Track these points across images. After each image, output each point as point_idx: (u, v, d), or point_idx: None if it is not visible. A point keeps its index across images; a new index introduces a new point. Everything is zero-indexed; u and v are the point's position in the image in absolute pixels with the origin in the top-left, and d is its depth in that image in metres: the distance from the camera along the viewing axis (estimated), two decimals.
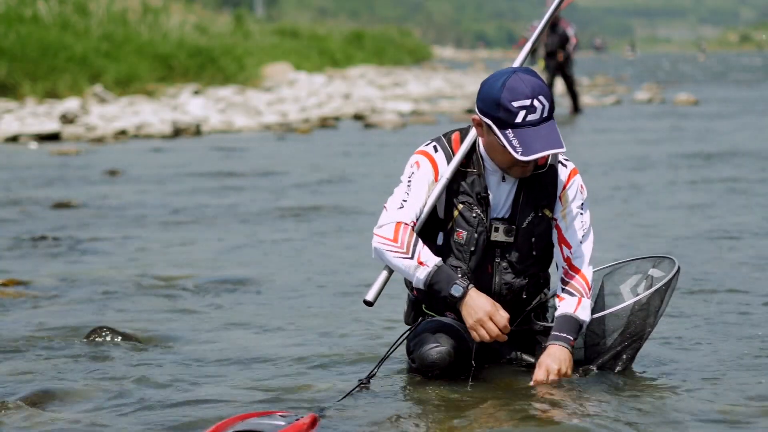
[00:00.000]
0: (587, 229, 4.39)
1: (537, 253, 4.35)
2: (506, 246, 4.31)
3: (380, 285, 4.29)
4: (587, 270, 4.37)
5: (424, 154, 4.35)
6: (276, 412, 3.87)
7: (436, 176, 4.31)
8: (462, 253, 4.30)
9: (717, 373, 4.50)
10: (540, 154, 4.11)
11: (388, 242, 4.24)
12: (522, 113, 4.11)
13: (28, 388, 4.38)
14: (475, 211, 4.29)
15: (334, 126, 21.23)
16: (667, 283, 4.33)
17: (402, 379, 4.45)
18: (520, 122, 4.11)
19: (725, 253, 7.41)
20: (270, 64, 34.41)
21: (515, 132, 4.12)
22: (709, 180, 11.54)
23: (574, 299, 4.32)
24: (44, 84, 23.09)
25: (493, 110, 4.14)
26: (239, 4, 60.45)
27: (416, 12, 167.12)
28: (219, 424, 3.72)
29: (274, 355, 4.93)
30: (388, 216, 4.29)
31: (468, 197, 4.30)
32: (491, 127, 4.16)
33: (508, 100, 4.11)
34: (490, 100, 4.15)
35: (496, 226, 4.29)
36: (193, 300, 6.26)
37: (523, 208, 4.30)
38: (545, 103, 4.13)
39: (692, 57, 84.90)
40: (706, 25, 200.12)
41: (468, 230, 4.29)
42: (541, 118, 4.13)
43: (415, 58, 62.38)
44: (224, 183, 12.10)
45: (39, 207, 10.30)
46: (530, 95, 4.12)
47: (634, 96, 28.18)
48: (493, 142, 4.21)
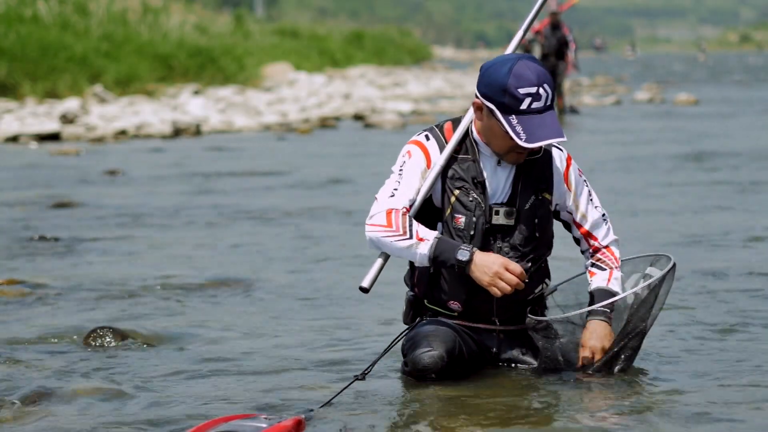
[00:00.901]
0: (600, 206, 4.46)
1: (539, 235, 4.34)
2: (507, 229, 4.30)
3: (375, 272, 4.28)
4: (614, 246, 4.45)
5: (415, 143, 4.36)
6: (261, 414, 3.86)
7: (428, 164, 4.31)
8: (462, 239, 4.28)
9: (718, 373, 4.49)
10: (544, 142, 4.13)
11: (382, 229, 4.24)
12: (527, 100, 4.13)
13: (27, 388, 4.37)
14: (471, 196, 4.28)
15: (334, 126, 21.23)
16: (662, 278, 4.33)
17: (397, 378, 4.44)
18: (525, 109, 4.13)
19: (726, 254, 7.41)
20: (270, 64, 34.42)
21: (519, 118, 4.13)
22: (710, 180, 11.54)
23: (605, 273, 4.39)
24: (44, 84, 23.10)
25: (498, 95, 4.15)
26: (239, 4, 60.45)
27: (416, 12, 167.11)
28: (200, 425, 3.72)
29: (273, 356, 4.93)
30: (378, 206, 4.29)
31: (464, 182, 4.29)
32: (494, 112, 4.17)
33: (514, 87, 4.12)
34: (496, 86, 4.15)
35: (496, 209, 4.28)
36: (192, 300, 6.26)
37: (524, 191, 4.30)
38: (549, 92, 4.16)
39: (692, 57, 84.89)
40: (706, 25, 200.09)
41: (466, 215, 4.28)
42: (545, 106, 4.16)
43: (415, 58, 62.39)
44: (224, 183, 12.10)
45: (39, 207, 10.30)
46: (536, 83, 4.14)
47: (634, 96, 28.18)
48: (494, 127, 4.21)
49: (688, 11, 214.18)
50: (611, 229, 4.48)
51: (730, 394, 4.20)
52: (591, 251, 4.46)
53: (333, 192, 11.27)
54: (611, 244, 4.46)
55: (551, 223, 4.40)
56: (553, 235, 4.43)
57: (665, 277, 4.35)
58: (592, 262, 4.44)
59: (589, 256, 4.47)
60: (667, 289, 4.38)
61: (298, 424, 3.78)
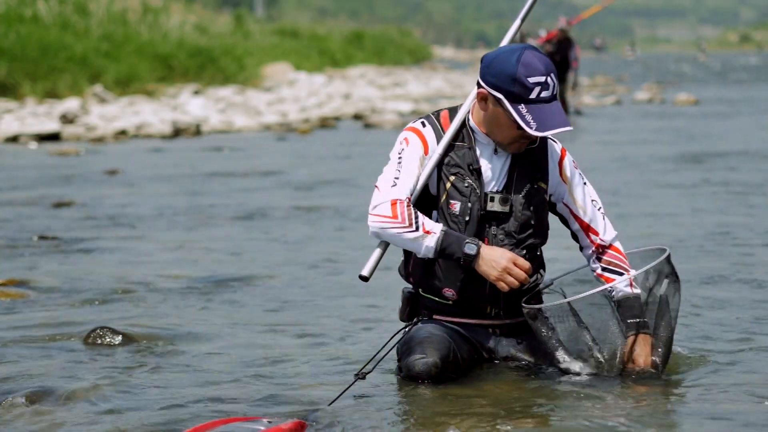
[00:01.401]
0: (597, 200, 4.44)
1: (534, 223, 4.34)
2: (503, 216, 4.30)
3: (375, 260, 4.28)
4: (616, 241, 4.43)
5: (412, 130, 4.37)
6: (263, 417, 3.85)
7: (425, 151, 4.32)
8: (457, 225, 4.28)
9: (718, 373, 4.49)
10: (555, 131, 4.14)
11: (388, 220, 4.23)
12: (537, 89, 4.14)
13: (27, 388, 4.37)
14: (467, 182, 4.29)
15: (334, 126, 21.23)
16: (658, 266, 4.32)
17: (397, 377, 4.43)
18: (534, 98, 4.15)
19: (725, 254, 7.41)
20: (270, 64, 34.43)
21: (528, 108, 4.15)
22: (710, 180, 11.54)
23: (624, 278, 4.35)
24: (44, 84, 23.11)
25: (507, 84, 4.16)
26: (239, 4, 60.46)
27: (416, 12, 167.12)
28: (198, 426, 3.71)
29: (273, 356, 4.92)
30: (381, 195, 4.28)
31: (459, 168, 4.30)
32: (501, 101, 4.18)
33: (524, 76, 4.14)
34: (505, 75, 4.16)
35: (491, 196, 4.28)
36: (192, 300, 6.26)
37: (519, 179, 4.30)
38: (555, 81, 4.20)
39: (692, 57, 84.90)
40: (706, 25, 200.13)
41: (461, 200, 4.28)
42: (552, 96, 4.19)
43: (415, 58, 62.40)
44: (224, 183, 12.10)
45: (39, 207, 10.30)
46: (545, 72, 4.17)
47: (634, 96, 28.19)
48: (500, 117, 4.22)
49: (688, 11, 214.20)
50: (610, 224, 4.46)
51: (730, 393, 4.20)
52: (594, 249, 4.42)
53: (333, 192, 11.27)
54: (614, 241, 4.44)
55: (546, 213, 4.40)
56: (548, 225, 4.42)
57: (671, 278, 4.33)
58: (603, 266, 4.40)
59: (595, 257, 4.42)
60: (666, 285, 4.36)
61: (299, 428, 3.77)
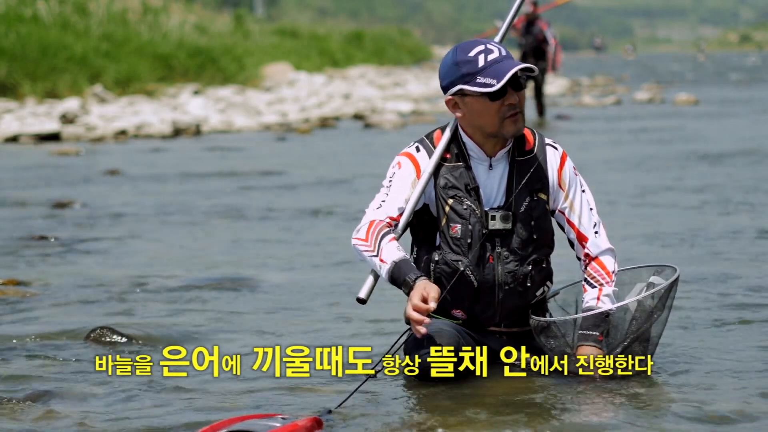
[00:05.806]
0: (595, 210, 4.39)
1: (537, 237, 4.30)
2: (505, 234, 4.27)
3: (372, 282, 4.28)
4: (605, 255, 4.36)
5: (405, 155, 4.38)
6: (279, 414, 3.85)
7: (417, 174, 4.31)
8: (460, 247, 4.26)
9: (719, 373, 4.49)
10: (512, 71, 4.13)
11: (361, 242, 4.27)
12: (481, 57, 4.17)
13: (28, 388, 4.38)
14: (465, 203, 4.26)
15: (334, 126, 21.23)
16: (668, 287, 4.28)
17: (405, 377, 4.42)
18: (483, 65, 4.16)
19: (726, 254, 7.40)
20: (270, 64, 34.41)
21: (482, 75, 4.15)
22: (710, 180, 11.54)
23: (595, 290, 4.31)
24: (44, 84, 23.12)
25: (454, 72, 4.20)
26: (239, 4, 60.41)
27: (416, 12, 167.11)
28: (216, 423, 3.71)
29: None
30: (364, 218, 4.32)
31: (457, 190, 4.27)
32: (463, 91, 4.20)
33: (464, 54, 4.19)
34: (448, 67, 4.22)
35: (492, 215, 4.26)
36: (193, 300, 6.26)
37: (518, 193, 4.27)
38: (500, 48, 4.21)
39: (692, 57, 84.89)
40: (706, 25, 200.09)
41: (462, 223, 4.26)
42: (502, 56, 4.19)
43: (415, 58, 62.35)
44: (224, 183, 12.10)
45: (39, 207, 10.30)
46: (481, 43, 4.22)
47: (634, 96, 28.17)
48: (473, 106, 4.22)
49: (688, 11, 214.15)
50: (603, 237, 4.38)
51: (731, 393, 4.20)
52: (583, 258, 4.39)
53: (333, 192, 11.26)
54: (602, 255, 4.36)
55: (549, 223, 4.36)
56: (554, 233, 4.40)
57: (670, 288, 4.30)
58: (585, 277, 4.37)
59: (583, 267, 4.39)
60: (670, 302, 4.34)
61: (315, 424, 3.76)
